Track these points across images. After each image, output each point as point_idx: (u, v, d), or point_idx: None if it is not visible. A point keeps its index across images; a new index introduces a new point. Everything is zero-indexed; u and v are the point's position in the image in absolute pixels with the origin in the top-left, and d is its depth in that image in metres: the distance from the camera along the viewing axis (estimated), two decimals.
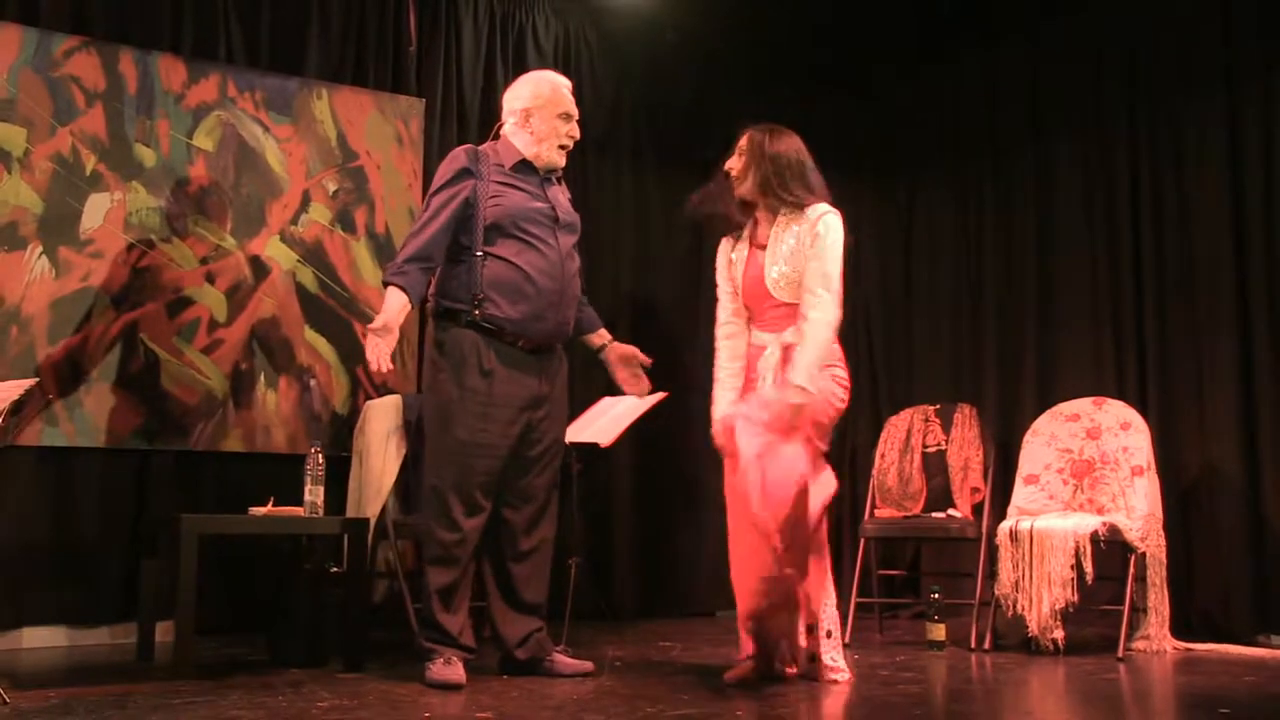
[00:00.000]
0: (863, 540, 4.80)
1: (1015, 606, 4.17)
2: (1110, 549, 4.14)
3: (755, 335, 3.50)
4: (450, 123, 5.23)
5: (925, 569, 5.65)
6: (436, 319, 3.49)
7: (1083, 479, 4.49)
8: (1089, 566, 4.07)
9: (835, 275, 3.34)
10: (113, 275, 4.36)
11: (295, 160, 4.78)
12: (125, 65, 4.45)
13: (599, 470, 5.22)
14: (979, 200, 5.89)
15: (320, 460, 3.81)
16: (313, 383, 4.72)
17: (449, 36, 5.27)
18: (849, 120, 6.14)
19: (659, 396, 4.39)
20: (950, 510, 4.76)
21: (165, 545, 3.82)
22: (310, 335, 4.74)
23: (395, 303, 3.37)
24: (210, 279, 4.56)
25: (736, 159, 3.52)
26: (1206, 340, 4.83)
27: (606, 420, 4.30)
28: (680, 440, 5.49)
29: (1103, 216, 5.29)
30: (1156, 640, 4.19)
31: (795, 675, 3.37)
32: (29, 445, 4.16)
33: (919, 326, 6.09)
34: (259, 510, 3.75)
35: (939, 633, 4.29)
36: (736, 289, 3.55)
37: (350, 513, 4.28)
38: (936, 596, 4.32)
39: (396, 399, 4.39)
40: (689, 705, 2.97)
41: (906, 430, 5.04)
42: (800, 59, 6.02)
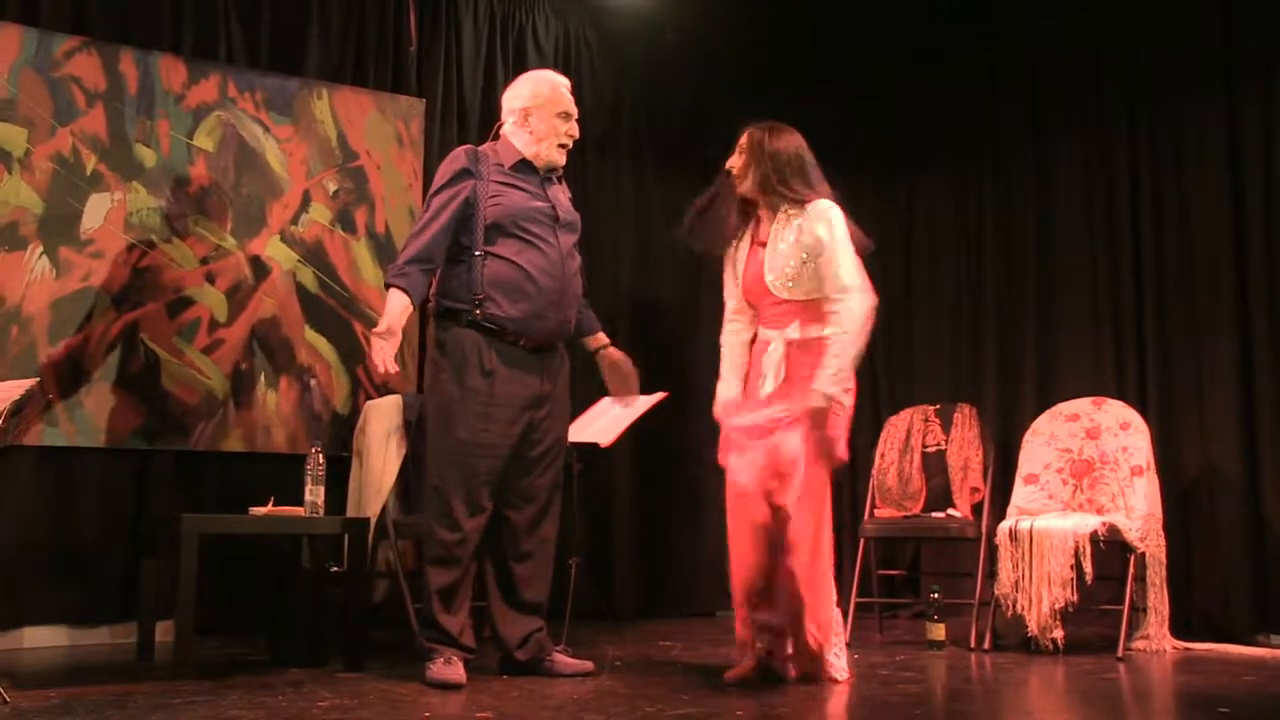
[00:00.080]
0: (862, 540, 4.81)
1: (1015, 606, 4.17)
2: (1110, 549, 4.14)
3: (760, 331, 3.52)
4: (450, 123, 5.24)
5: (925, 569, 5.65)
6: (437, 319, 3.49)
7: (1082, 479, 4.49)
8: (1088, 566, 4.07)
9: (852, 267, 3.34)
10: (113, 275, 4.36)
11: (295, 160, 4.78)
12: (126, 65, 4.45)
13: (599, 470, 5.23)
14: (979, 200, 5.89)
15: (320, 460, 3.82)
16: (313, 383, 4.72)
17: (449, 36, 5.27)
18: (849, 120, 6.15)
19: (659, 396, 4.39)
20: (950, 510, 4.76)
21: (165, 545, 3.82)
22: (310, 335, 4.74)
23: (397, 305, 3.37)
24: (211, 279, 4.56)
25: (737, 157, 3.53)
26: (1206, 340, 4.83)
27: (606, 420, 4.30)
28: (680, 440, 5.49)
29: (1103, 216, 5.29)
30: (1156, 640, 4.19)
31: (796, 676, 3.37)
32: (29, 445, 4.16)
33: (919, 326, 6.09)
34: (259, 510, 3.75)
35: (939, 632, 4.29)
36: (739, 286, 3.56)
37: (350, 513, 4.28)
38: (936, 596, 4.33)
39: (397, 399, 4.39)
40: (689, 705, 2.97)
41: (906, 430, 5.04)
42: (800, 59, 6.01)
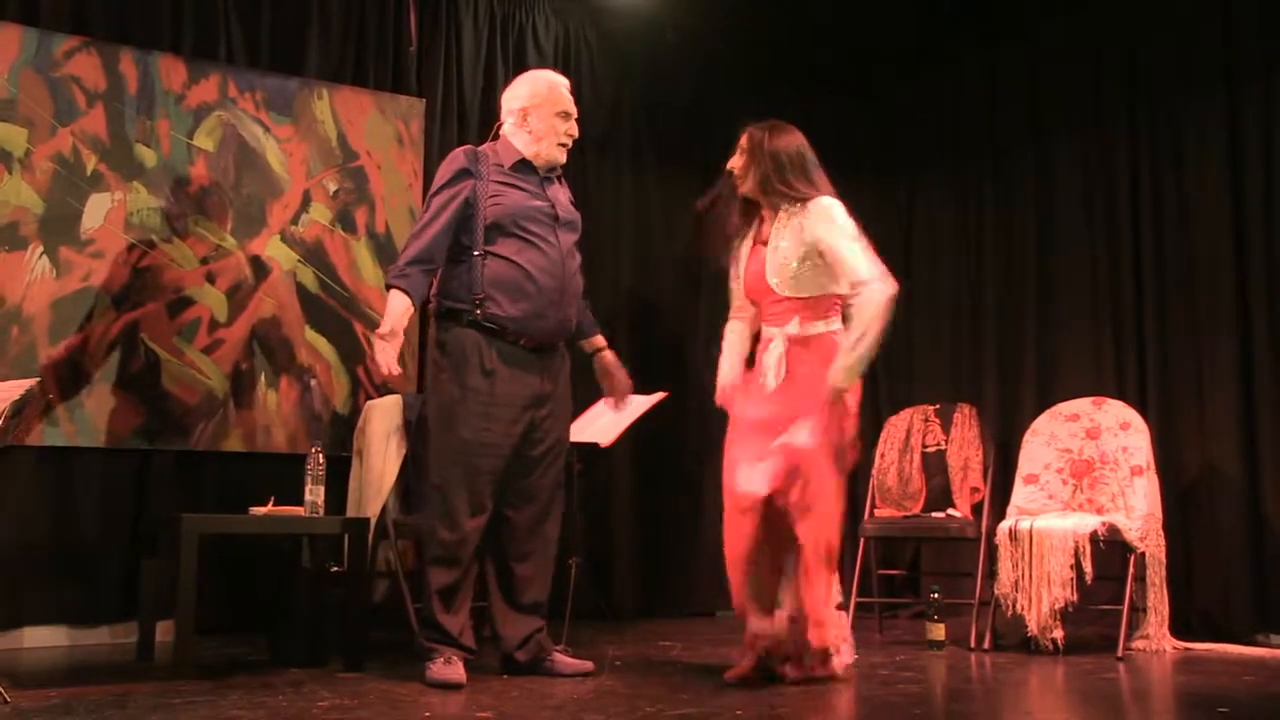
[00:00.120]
0: (862, 540, 4.80)
1: (1015, 606, 4.17)
2: (1110, 549, 4.15)
3: (763, 329, 3.53)
4: (450, 123, 5.24)
5: (925, 569, 5.65)
6: (438, 319, 3.49)
7: (1082, 479, 4.50)
8: (1088, 566, 4.07)
9: (865, 257, 3.34)
10: (113, 275, 4.36)
11: (296, 160, 4.78)
12: (126, 65, 4.45)
13: (599, 470, 5.23)
14: (979, 200, 5.90)
15: (321, 460, 3.82)
16: (313, 382, 4.72)
17: (449, 37, 5.27)
18: (849, 120, 6.15)
19: (659, 396, 4.40)
20: (950, 510, 4.76)
21: (166, 545, 3.81)
22: (311, 335, 4.74)
23: (398, 306, 3.37)
24: (211, 279, 4.56)
25: (738, 158, 3.54)
26: (1206, 340, 4.83)
27: (606, 420, 4.30)
28: (680, 440, 5.50)
29: (1103, 216, 5.29)
30: (1156, 640, 4.19)
31: (795, 678, 3.36)
32: (29, 445, 4.16)
33: (919, 326, 6.08)
34: (259, 510, 3.75)
35: (939, 632, 4.29)
36: (740, 285, 3.58)
37: (350, 512, 4.28)
38: (936, 596, 4.33)
39: (397, 399, 4.39)
40: (689, 705, 2.97)
41: (906, 430, 5.04)
42: (800, 59, 6.02)
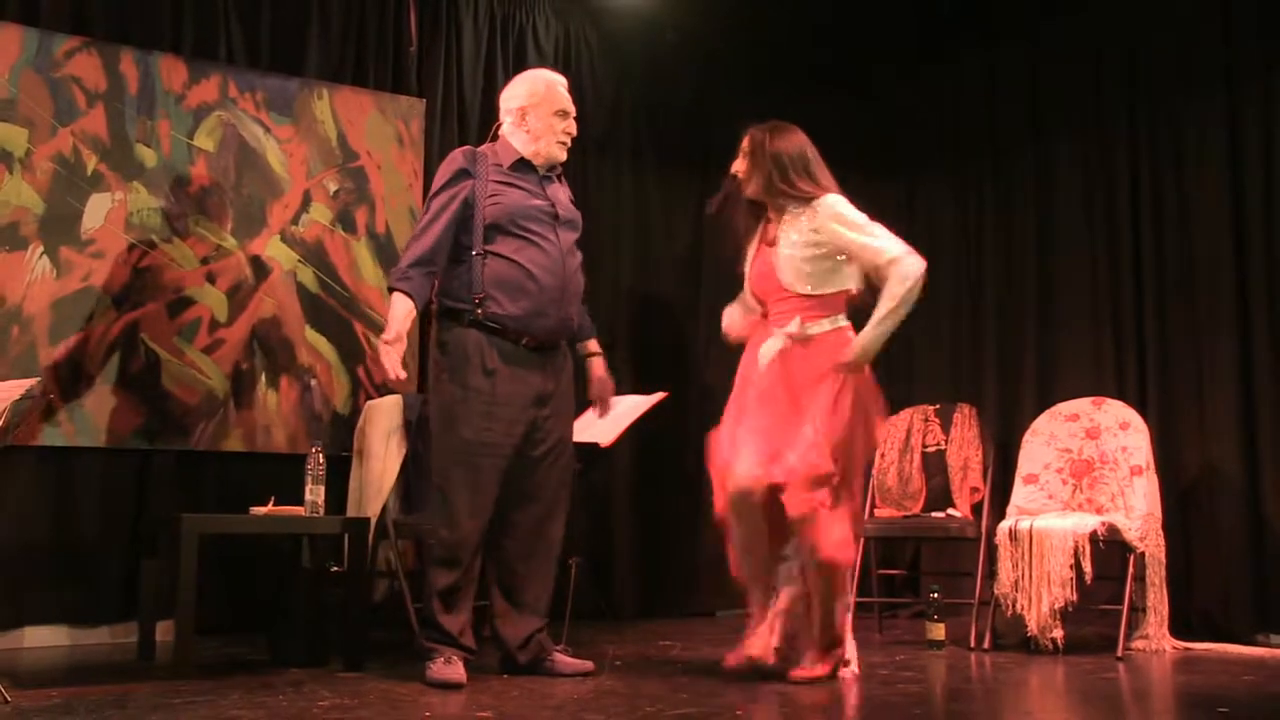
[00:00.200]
0: (862, 540, 4.80)
1: (1015, 606, 4.17)
2: (1109, 549, 4.15)
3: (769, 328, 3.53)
4: (451, 123, 5.24)
5: (925, 568, 5.65)
6: (439, 319, 3.49)
7: (1082, 479, 4.50)
8: (1088, 566, 4.07)
9: (888, 237, 3.38)
10: (114, 275, 4.37)
11: (296, 160, 4.78)
12: (126, 65, 4.46)
13: (599, 470, 5.22)
14: (979, 200, 5.90)
15: (321, 460, 3.82)
16: (313, 382, 4.72)
17: (449, 37, 5.27)
18: (849, 120, 6.14)
19: (659, 396, 4.40)
20: (950, 510, 4.76)
21: (166, 545, 3.82)
22: (311, 335, 4.74)
23: (401, 309, 3.36)
24: (211, 279, 4.56)
25: (740, 160, 3.55)
26: (1206, 340, 4.83)
27: (606, 420, 4.29)
28: (680, 440, 5.49)
29: (1103, 216, 5.29)
30: (1156, 640, 4.19)
31: (798, 677, 3.35)
32: (29, 445, 4.16)
33: (919, 326, 6.05)
34: (259, 510, 3.76)
35: (938, 632, 4.29)
36: (747, 284, 3.60)
37: (351, 512, 4.28)
38: (936, 596, 4.33)
39: (397, 399, 4.39)
40: (689, 705, 2.97)
41: (906, 430, 5.04)
42: (800, 59, 6.02)
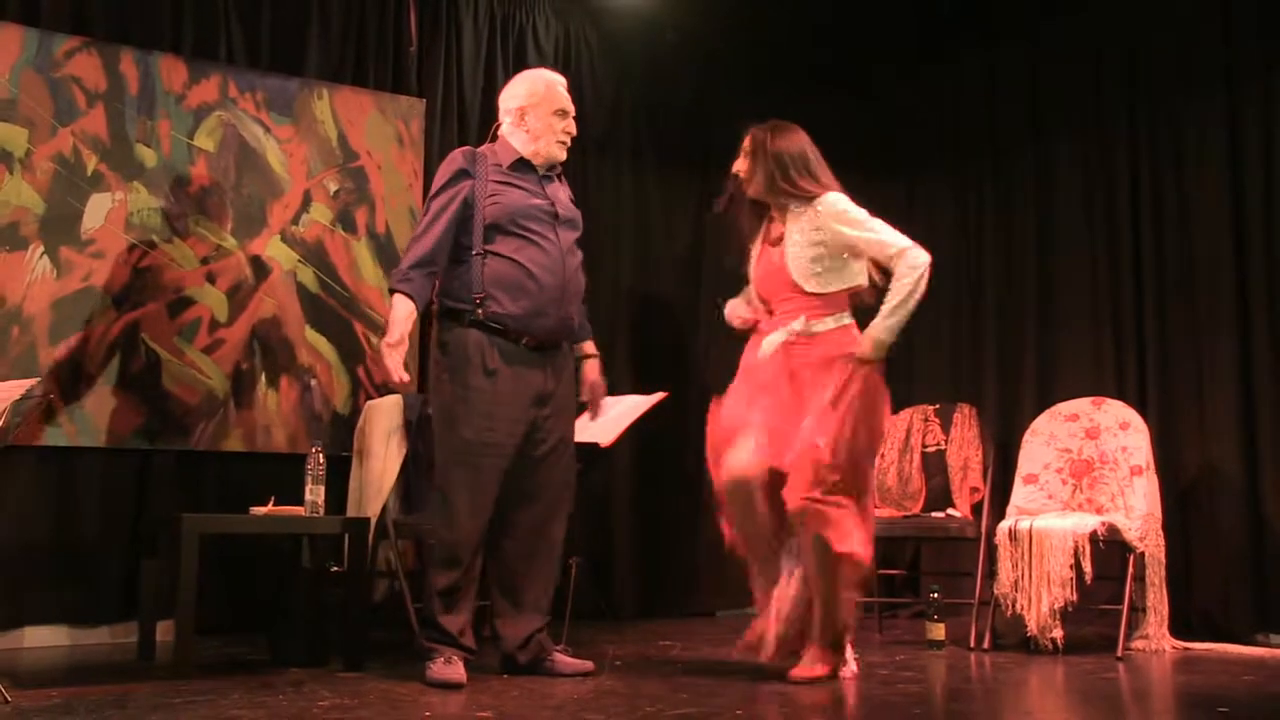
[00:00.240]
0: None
1: (1014, 606, 4.17)
2: (1109, 548, 4.15)
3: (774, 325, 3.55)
4: (451, 123, 5.24)
5: (925, 568, 5.65)
6: (440, 319, 3.49)
7: (1082, 479, 4.50)
8: (1088, 566, 4.07)
9: (892, 231, 3.39)
10: (114, 275, 4.37)
11: (296, 160, 4.78)
12: (126, 65, 4.46)
13: (599, 470, 5.22)
14: (979, 200, 5.90)
15: (321, 460, 3.82)
16: (313, 382, 4.72)
17: (449, 37, 5.27)
18: (849, 120, 6.14)
19: (659, 396, 4.40)
20: (950, 510, 4.76)
21: (166, 545, 3.82)
22: (311, 335, 4.74)
23: (403, 311, 3.36)
24: (211, 279, 4.56)
25: (742, 160, 3.56)
26: (1206, 340, 4.83)
27: (606, 420, 4.29)
28: (680, 440, 5.49)
29: (1103, 216, 5.29)
30: (1155, 640, 4.19)
31: (798, 677, 3.35)
32: (30, 445, 4.16)
33: (919, 326, 6.02)
34: (260, 510, 3.76)
35: (938, 632, 4.29)
36: (751, 284, 3.61)
37: (351, 512, 4.29)
38: (936, 596, 4.33)
39: (397, 399, 4.39)
40: (689, 705, 2.97)
41: (906, 430, 5.04)
42: (800, 59, 6.02)
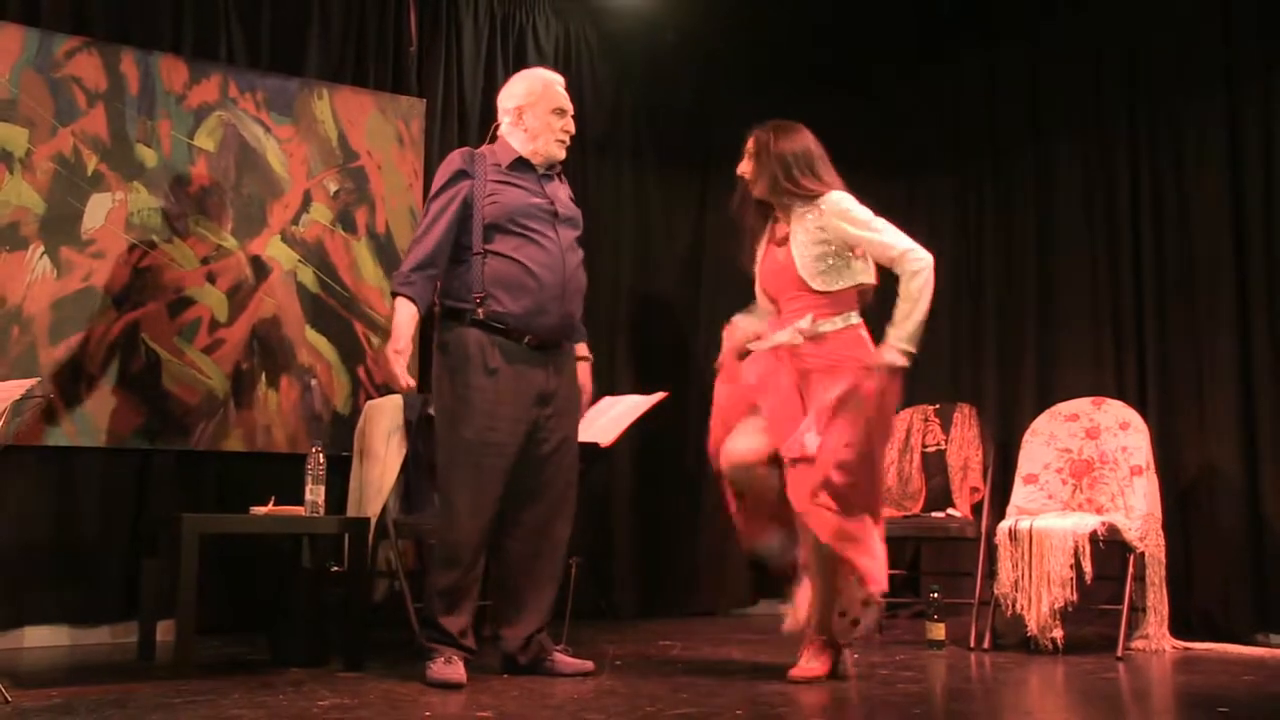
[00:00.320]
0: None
1: (1014, 606, 4.17)
2: (1109, 548, 4.15)
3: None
4: (451, 123, 5.24)
5: (925, 568, 5.65)
6: (441, 319, 3.48)
7: (1082, 479, 4.50)
8: (1088, 566, 4.07)
9: (897, 233, 3.39)
10: (114, 275, 4.37)
11: (296, 160, 4.78)
12: (126, 65, 4.46)
13: (599, 470, 5.23)
14: (979, 200, 5.90)
15: (321, 460, 3.82)
16: (313, 382, 4.72)
17: (449, 37, 5.27)
18: (849, 120, 6.12)
19: (659, 396, 4.40)
20: (950, 510, 4.76)
21: (166, 545, 3.82)
22: (311, 335, 4.75)
23: (406, 317, 3.36)
24: (211, 279, 4.57)
25: (746, 162, 3.56)
26: (1206, 340, 4.84)
27: (606, 420, 4.30)
28: (680, 440, 5.50)
29: (1103, 216, 5.29)
30: (1155, 639, 4.19)
31: (797, 677, 3.35)
32: (30, 445, 4.16)
33: None
34: (260, 510, 3.76)
35: (938, 632, 4.29)
36: (757, 284, 3.60)
37: (351, 512, 4.29)
38: (936, 596, 4.33)
39: (397, 399, 4.39)
40: (689, 705, 2.97)
41: (906, 430, 5.04)
42: (800, 59, 6.02)
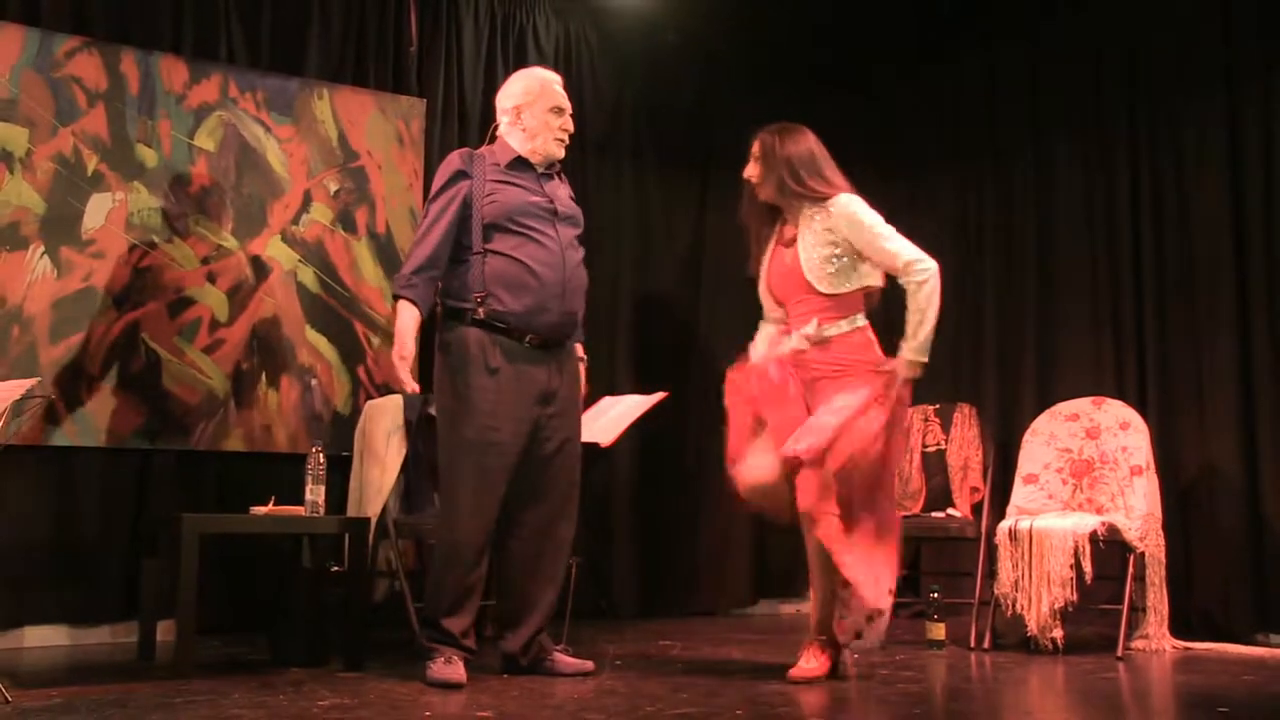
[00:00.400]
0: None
1: (1014, 606, 4.17)
2: (1109, 548, 4.15)
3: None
4: (451, 123, 5.24)
5: (925, 568, 5.65)
6: (442, 319, 3.49)
7: (1082, 479, 4.50)
8: (1088, 566, 4.07)
9: (904, 242, 3.41)
10: (114, 275, 4.37)
11: (296, 160, 4.78)
12: (127, 65, 4.46)
13: (599, 470, 5.22)
14: (979, 200, 5.90)
15: (321, 459, 3.82)
16: (314, 382, 4.72)
17: (450, 37, 5.28)
18: (849, 120, 6.13)
19: (659, 396, 4.40)
20: (950, 510, 4.76)
21: (166, 544, 3.82)
22: (311, 335, 4.75)
23: (409, 321, 3.36)
24: (211, 279, 4.57)
25: (753, 165, 3.57)
26: (1206, 340, 4.84)
27: (606, 420, 4.30)
28: (680, 440, 5.50)
29: (1103, 216, 5.29)
30: (1155, 639, 4.19)
31: (797, 677, 3.36)
32: (30, 445, 4.16)
33: None
34: (260, 510, 3.76)
35: (938, 632, 4.29)
36: (765, 286, 3.61)
37: (351, 512, 4.29)
38: (936, 596, 4.33)
39: (397, 399, 4.40)
40: (689, 705, 2.97)
41: (906, 430, 5.04)
42: (800, 59, 6.02)
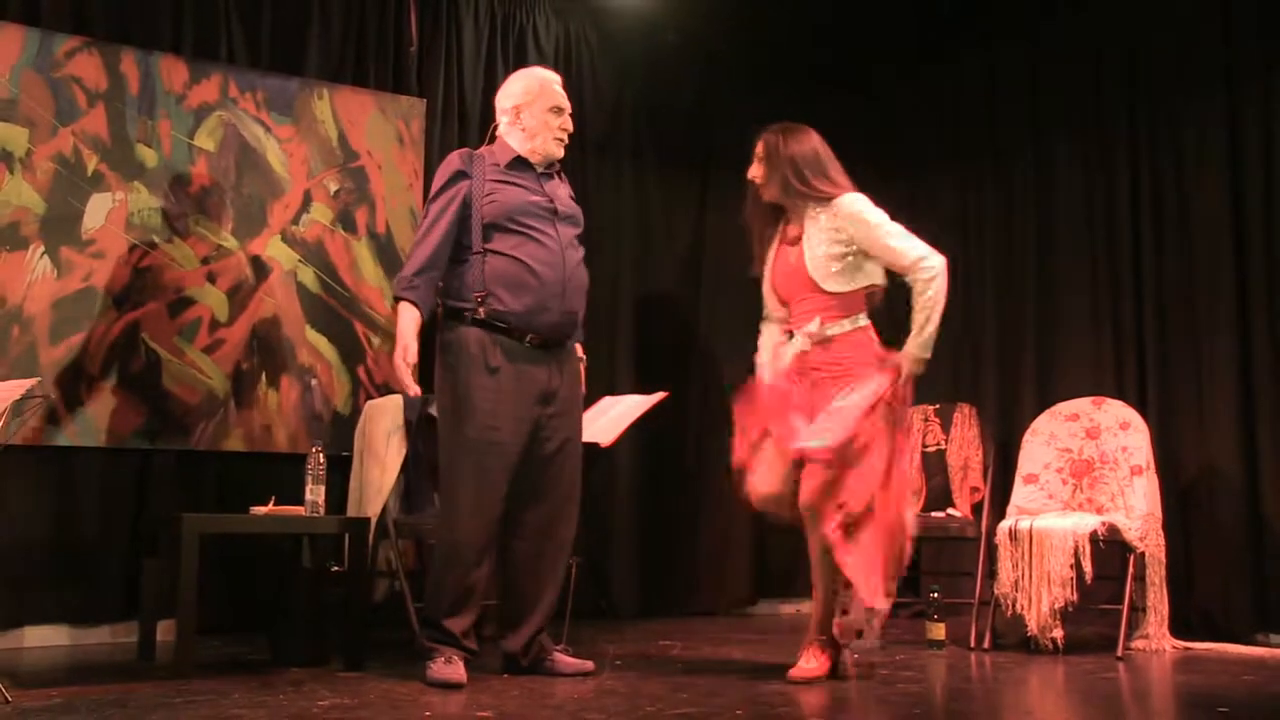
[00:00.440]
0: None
1: (1014, 606, 4.17)
2: (1109, 548, 4.15)
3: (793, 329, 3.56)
4: (451, 123, 5.24)
5: (925, 568, 5.65)
6: (443, 319, 3.49)
7: (1082, 478, 4.50)
8: (1088, 566, 4.07)
9: (910, 238, 3.43)
10: (114, 275, 4.37)
11: (296, 160, 4.78)
12: (127, 65, 4.46)
13: (599, 470, 5.22)
14: (979, 200, 5.90)
15: (321, 459, 3.82)
16: (314, 382, 4.72)
17: (450, 37, 5.28)
18: (849, 120, 6.11)
19: (659, 396, 4.40)
20: (950, 510, 4.76)
21: (166, 544, 3.82)
22: (311, 335, 4.75)
23: (410, 323, 3.36)
24: (211, 279, 4.57)
25: (757, 166, 3.57)
26: (1206, 340, 4.84)
27: (606, 420, 4.30)
28: (680, 440, 5.50)
29: (1103, 216, 5.29)
30: (1156, 639, 4.20)
31: (796, 677, 3.36)
32: (30, 445, 4.16)
33: None
34: (260, 510, 3.76)
35: (938, 632, 4.30)
36: (769, 285, 3.61)
37: (351, 512, 4.29)
38: (936, 596, 4.33)
39: (397, 399, 4.39)
40: (689, 705, 2.97)
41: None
42: (800, 59, 6.02)
